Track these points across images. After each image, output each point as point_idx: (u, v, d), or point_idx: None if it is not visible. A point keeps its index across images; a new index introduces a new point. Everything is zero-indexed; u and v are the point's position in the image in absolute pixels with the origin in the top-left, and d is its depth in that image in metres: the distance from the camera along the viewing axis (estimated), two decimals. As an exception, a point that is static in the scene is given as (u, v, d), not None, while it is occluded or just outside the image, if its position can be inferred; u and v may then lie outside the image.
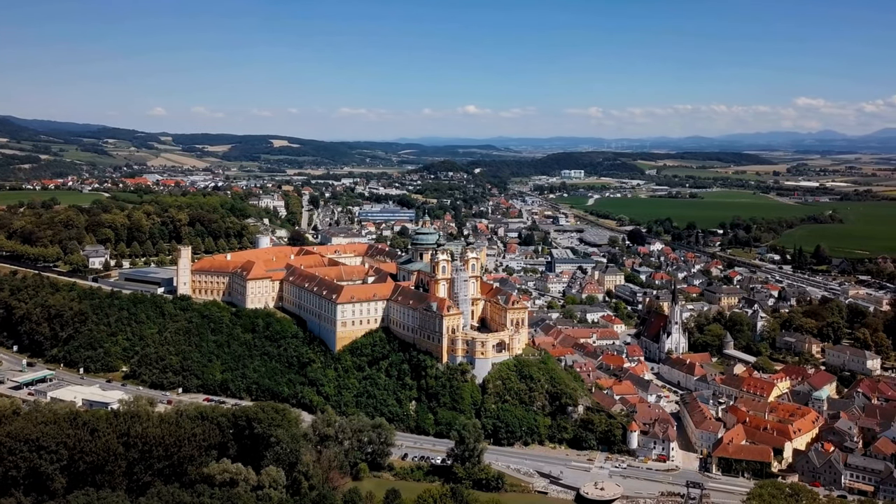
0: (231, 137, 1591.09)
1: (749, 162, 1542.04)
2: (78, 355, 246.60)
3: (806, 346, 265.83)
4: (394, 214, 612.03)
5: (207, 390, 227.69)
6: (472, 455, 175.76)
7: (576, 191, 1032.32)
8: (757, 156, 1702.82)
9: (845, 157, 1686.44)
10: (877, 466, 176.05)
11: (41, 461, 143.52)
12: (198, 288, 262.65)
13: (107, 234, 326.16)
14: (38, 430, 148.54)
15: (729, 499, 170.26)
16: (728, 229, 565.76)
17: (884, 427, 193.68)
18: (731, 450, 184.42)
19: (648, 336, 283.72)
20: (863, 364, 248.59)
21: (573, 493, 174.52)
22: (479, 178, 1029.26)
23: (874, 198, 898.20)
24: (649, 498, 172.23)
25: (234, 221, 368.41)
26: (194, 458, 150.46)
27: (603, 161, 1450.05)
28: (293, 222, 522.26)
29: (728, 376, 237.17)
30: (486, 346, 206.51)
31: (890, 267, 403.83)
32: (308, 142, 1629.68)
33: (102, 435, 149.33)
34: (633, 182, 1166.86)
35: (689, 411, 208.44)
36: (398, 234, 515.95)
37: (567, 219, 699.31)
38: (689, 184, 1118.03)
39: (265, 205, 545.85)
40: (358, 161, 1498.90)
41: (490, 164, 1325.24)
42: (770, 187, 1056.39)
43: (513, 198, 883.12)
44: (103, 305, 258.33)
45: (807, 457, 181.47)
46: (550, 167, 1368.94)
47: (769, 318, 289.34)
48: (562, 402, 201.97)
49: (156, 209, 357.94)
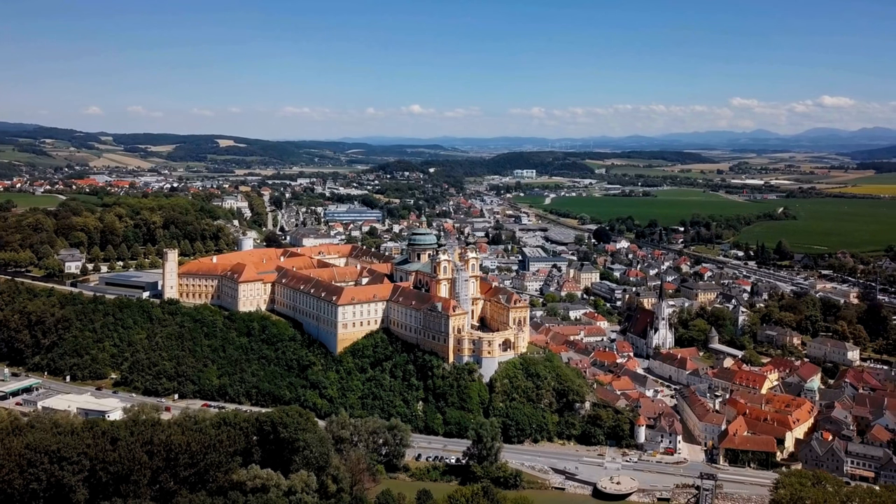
0: (174, 137, 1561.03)
1: (692, 161, 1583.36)
2: (63, 363, 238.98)
3: (787, 339, 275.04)
4: (361, 215, 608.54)
5: (205, 396, 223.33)
6: (490, 454, 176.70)
7: (531, 190, 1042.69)
8: (699, 154, 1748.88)
9: (780, 156, 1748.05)
10: (876, 453, 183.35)
11: (63, 472, 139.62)
12: (185, 291, 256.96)
13: (80, 237, 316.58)
14: (56, 440, 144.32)
15: (740, 489, 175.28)
16: (688, 227, 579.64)
17: (876, 415, 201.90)
18: (738, 441, 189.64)
19: (635, 332, 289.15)
20: (843, 355, 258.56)
21: (590, 488, 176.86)
22: (434, 178, 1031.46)
23: (818, 195, 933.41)
24: (665, 490, 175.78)
25: (209, 223, 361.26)
26: (221, 465, 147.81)
27: (553, 161, 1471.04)
28: (260, 223, 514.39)
29: (720, 370, 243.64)
30: (493, 345, 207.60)
31: (850, 262, 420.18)
32: (254, 141, 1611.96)
33: (124, 444, 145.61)
34: (585, 181, 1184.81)
35: (690, 405, 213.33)
36: (367, 234, 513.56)
37: (529, 218, 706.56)
38: (640, 182, 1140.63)
39: (229, 206, 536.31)
40: (306, 160, 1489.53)
41: (443, 164, 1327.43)
42: (719, 185, 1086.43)
43: (471, 197, 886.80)
44: (87, 311, 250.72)
45: (809, 446, 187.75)
46: (502, 167, 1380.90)
47: (749, 313, 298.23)
48: (569, 398, 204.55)
49: (127, 211, 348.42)
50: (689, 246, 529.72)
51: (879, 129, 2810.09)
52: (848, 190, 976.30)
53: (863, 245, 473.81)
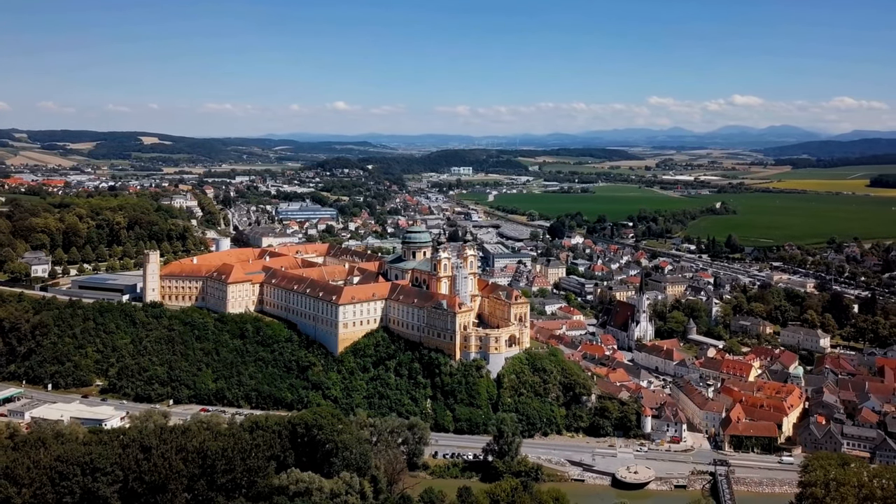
0: (94, 135, 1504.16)
1: (619, 157, 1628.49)
2: (43, 371, 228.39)
3: (761, 329, 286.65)
4: (315, 213, 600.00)
5: (201, 400, 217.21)
6: (511, 449, 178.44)
7: (472, 187, 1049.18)
8: (624, 151, 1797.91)
9: (698, 152, 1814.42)
10: (870, 434, 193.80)
11: (97, 484, 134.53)
12: (168, 294, 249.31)
13: (41, 239, 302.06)
14: (88, 451, 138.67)
15: (749, 473, 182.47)
16: (637, 222, 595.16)
17: (862, 399, 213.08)
18: (742, 427, 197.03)
19: (615, 325, 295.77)
20: (816, 342, 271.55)
21: (608, 478, 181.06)
22: (374, 175, 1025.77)
23: (747, 190, 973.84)
24: (680, 478, 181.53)
25: (174, 223, 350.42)
26: (259, 470, 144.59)
27: (487, 158, 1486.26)
28: (213, 223, 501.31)
29: (706, 360, 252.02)
30: (500, 341, 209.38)
31: (798, 254, 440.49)
32: (180, 139, 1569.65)
33: (158, 452, 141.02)
34: (523, 178, 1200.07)
35: (687, 394, 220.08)
36: (325, 232, 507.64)
37: (479, 215, 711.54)
38: (576, 179, 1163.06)
39: (179, 205, 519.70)
40: (235, 158, 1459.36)
41: (380, 161, 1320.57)
42: (652, 181, 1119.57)
43: (415, 195, 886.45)
44: (64, 316, 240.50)
45: (808, 429, 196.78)
46: (438, 164, 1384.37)
47: (722, 304, 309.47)
48: (576, 391, 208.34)
49: (87, 212, 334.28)
50: (640, 240, 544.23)
51: (786, 127, 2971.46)
52: (774, 185, 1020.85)
53: (805, 238, 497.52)
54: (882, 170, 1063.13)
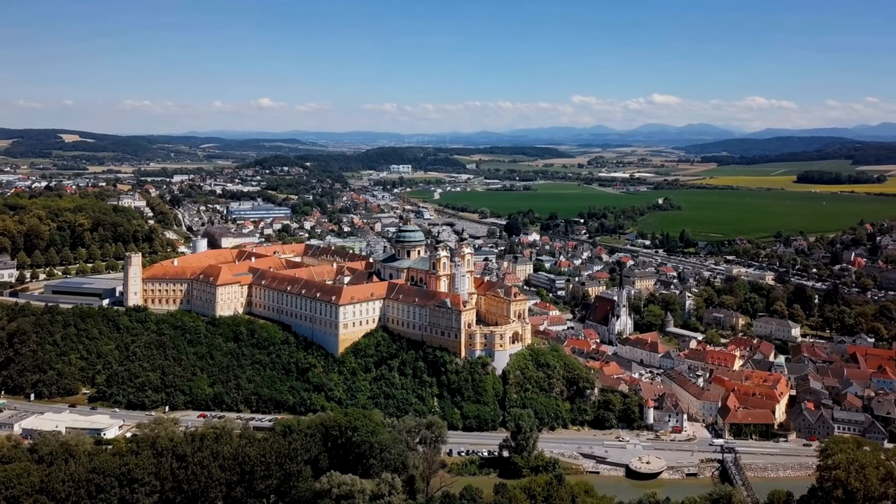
0: (9, 132, 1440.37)
1: (549, 156, 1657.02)
2: (23, 380, 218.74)
3: (734, 321, 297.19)
4: (269, 212, 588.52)
5: (198, 406, 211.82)
6: (528, 444, 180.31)
7: (415, 185, 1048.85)
8: (555, 149, 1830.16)
9: (623, 150, 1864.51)
10: (859, 418, 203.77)
11: (136, 495, 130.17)
12: (151, 297, 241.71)
13: (3, 242, 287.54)
14: (122, 461, 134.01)
15: (754, 459, 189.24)
16: (588, 218, 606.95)
17: (844, 385, 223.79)
18: (741, 416, 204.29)
19: (595, 320, 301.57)
20: (788, 332, 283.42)
21: (622, 469, 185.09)
22: (315, 173, 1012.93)
23: (682, 186, 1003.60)
24: (690, 466, 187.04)
25: (141, 224, 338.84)
26: (299, 475, 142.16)
27: (425, 156, 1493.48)
28: (165, 223, 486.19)
29: (691, 351, 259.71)
30: (505, 338, 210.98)
31: (749, 247, 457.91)
32: (102, 136, 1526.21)
33: (194, 460, 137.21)
34: (464, 176, 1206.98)
35: (681, 385, 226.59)
36: (282, 231, 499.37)
37: (429, 213, 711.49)
38: (516, 177, 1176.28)
39: (127, 205, 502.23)
40: (162, 156, 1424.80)
41: (317, 159, 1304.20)
42: (590, 178, 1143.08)
43: (360, 193, 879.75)
44: (42, 322, 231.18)
45: (802, 415, 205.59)
46: (377, 162, 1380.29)
47: (695, 297, 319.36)
48: (579, 385, 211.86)
49: (46, 213, 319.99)
50: (593, 237, 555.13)
51: (703, 125, 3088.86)
52: (707, 181, 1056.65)
53: (753, 232, 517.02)
54: (800, 166, 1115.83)
